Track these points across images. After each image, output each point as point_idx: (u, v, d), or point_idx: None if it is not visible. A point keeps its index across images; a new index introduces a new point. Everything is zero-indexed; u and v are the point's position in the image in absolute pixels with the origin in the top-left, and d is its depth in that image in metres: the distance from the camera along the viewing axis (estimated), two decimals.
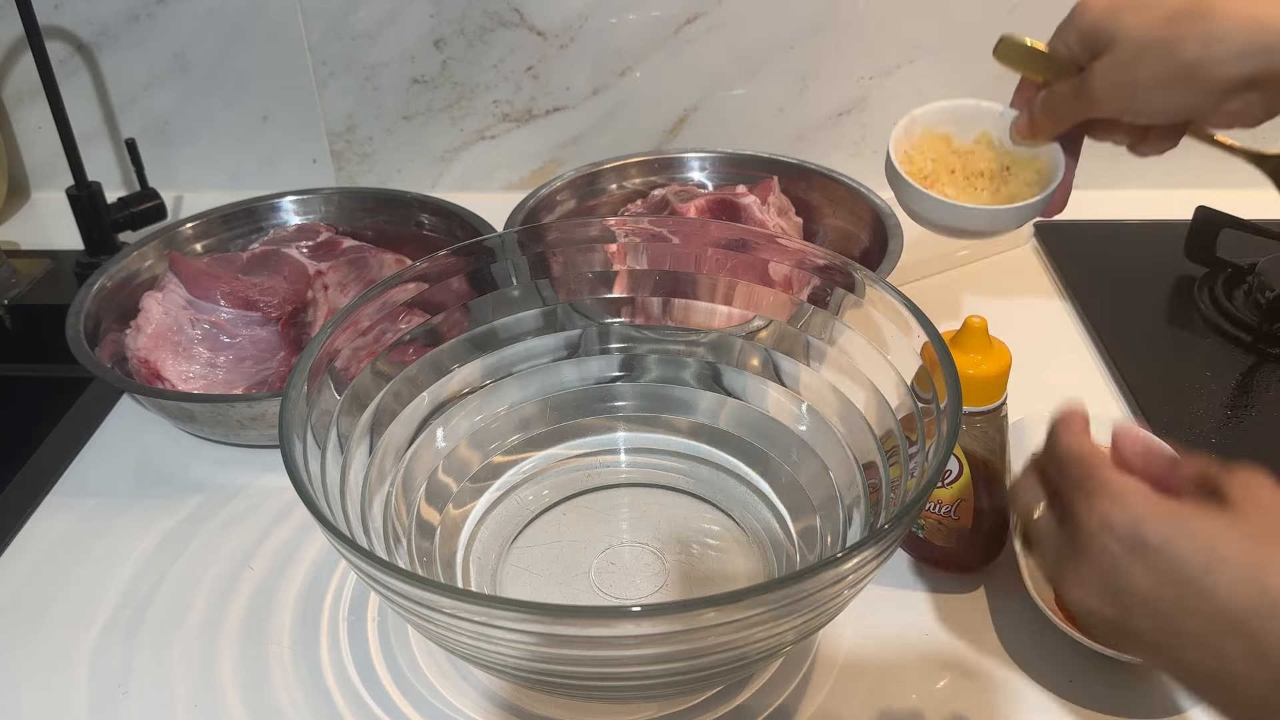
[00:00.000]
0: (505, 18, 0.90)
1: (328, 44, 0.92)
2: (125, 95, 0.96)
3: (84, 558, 0.60)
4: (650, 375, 0.64)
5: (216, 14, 0.91)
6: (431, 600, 0.40)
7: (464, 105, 0.95)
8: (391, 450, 0.56)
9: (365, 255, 0.78)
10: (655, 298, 0.62)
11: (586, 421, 0.64)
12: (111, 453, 0.68)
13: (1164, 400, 0.69)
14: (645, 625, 0.40)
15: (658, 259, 0.61)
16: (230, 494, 0.64)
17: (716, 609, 0.39)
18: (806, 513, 0.57)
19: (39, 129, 0.98)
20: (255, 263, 0.79)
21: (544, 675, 0.45)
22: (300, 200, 0.85)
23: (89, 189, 0.84)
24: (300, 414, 0.48)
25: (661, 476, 0.63)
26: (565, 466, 0.63)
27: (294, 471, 0.44)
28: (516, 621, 0.40)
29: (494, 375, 0.61)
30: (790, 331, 0.59)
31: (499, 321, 0.60)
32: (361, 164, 0.99)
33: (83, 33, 0.93)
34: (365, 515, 0.51)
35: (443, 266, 0.57)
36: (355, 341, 0.54)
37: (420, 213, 0.85)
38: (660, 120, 0.95)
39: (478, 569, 0.57)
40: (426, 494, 0.57)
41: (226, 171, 0.99)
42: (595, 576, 0.57)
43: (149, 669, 0.53)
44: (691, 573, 0.58)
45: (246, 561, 0.59)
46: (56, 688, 0.53)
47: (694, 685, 0.50)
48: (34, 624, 0.56)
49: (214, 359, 0.72)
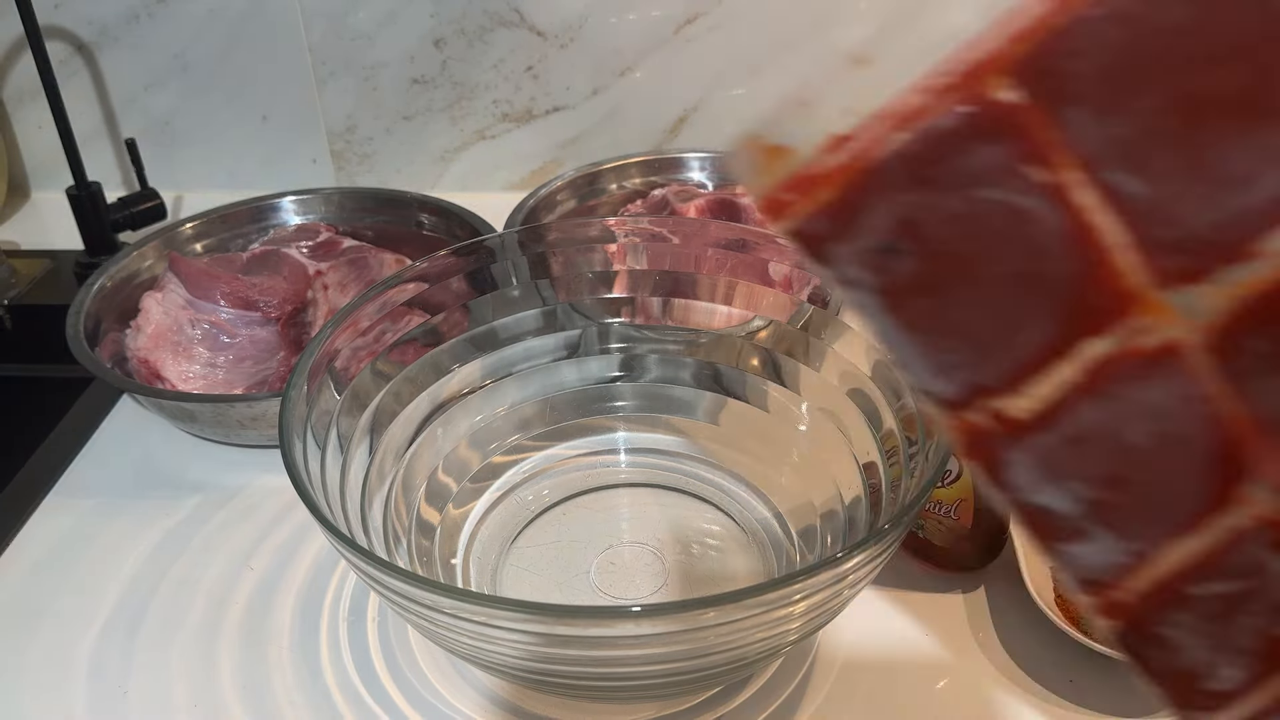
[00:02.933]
0: (505, 18, 0.90)
1: (328, 44, 0.92)
2: (125, 95, 0.96)
3: (83, 558, 0.60)
4: (650, 375, 0.64)
5: (217, 14, 0.91)
6: (431, 600, 0.40)
7: (464, 105, 0.95)
8: (391, 450, 0.56)
9: (365, 255, 0.78)
10: (655, 298, 0.62)
11: (586, 421, 0.64)
12: (111, 453, 0.68)
13: None
14: (645, 625, 0.40)
15: (658, 259, 0.61)
16: (230, 494, 0.64)
17: (716, 609, 0.39)
18: (806, 513, 0.57)
19: (39, 129, 0.98)
20: (255, 263, 0.79)
21: (544, 675, 0.45)
22: (300, 200, 0.85)
23: (89, 189, 0.84)
24: (300, 414, 0.48)
25: (661, 476, 0.63)
26: (565, 466, 0.63)
27: (294, 471, 0.44)
28: (516, 622, 0.40)
29: (494, 375, 0.61)
30: (790, 331, 0.59)
31: (499, 321, 0.60)
32: (361, 164, 0.99)
33: (83, 33, 0.93)
34: (365, 515, 0.51)
35: (442, 266, 0.57)
36: (355, 341, 0.54)
37: (420, 213, 0.85)
38: (660, 120, 0.95)
39: (478, 569, 0.57)
40: (426, 494, 0.57)
41: (226, 171, 0.99)
42: (595, 577, 0.57)
43: (148, 669, 0.53)
44: (691, 573, 0.58)
45: (246, 561, 0.59)
46: (55, 688, 0.53)
47: (694, 685, 0.50)
48: (33, 624, 0.56)
49: (214, 359, 0.72)
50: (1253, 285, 0.24)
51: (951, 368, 0.26)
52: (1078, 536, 0.28)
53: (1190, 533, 0.27)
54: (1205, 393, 0.25)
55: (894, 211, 0.24)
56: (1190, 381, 0.25)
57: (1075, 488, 0.27)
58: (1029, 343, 0.26)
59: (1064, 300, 0.25)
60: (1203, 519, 0.27)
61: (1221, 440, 0.26)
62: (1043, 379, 0.26)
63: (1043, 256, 0.25)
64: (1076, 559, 0.28)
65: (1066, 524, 0.28)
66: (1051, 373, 0.26)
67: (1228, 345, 0.25)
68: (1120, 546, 0.27)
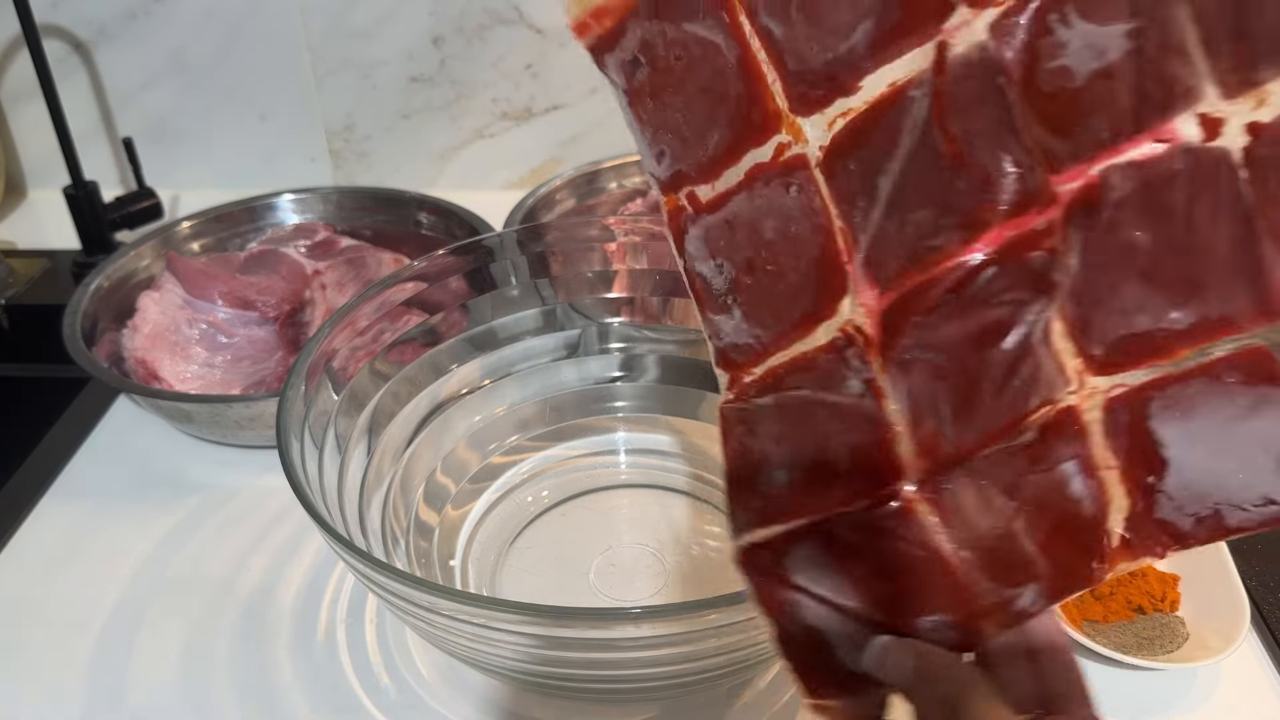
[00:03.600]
0: (504, 15, 0.89)
1: (326, 42, 0.92)
2: (122, 94, 0.96)
3: (81, 559, 0.60)
4: (650, 375, 0.64)
5: (214, 13, 0.91)
6: (429, 602, 0.40)
7: (463, 104, 0.94)
8: (390, 451, 0.55)
9: (363, 254, 0.78)
10: (655, 297, 0.62)
11: (586, 422, 0.64)
12: (108, 453, 0.68)
13: None
14: (645, 628, 0.40)
15: (657, 258, 0.61)
16: (228, 494, 0.64)
17: (717, 611, 0.38)
18: None
19: (36, 127, 0.98)
20: (253, 262, 0.78)
21: (543, 678, 0.45)
22: (298, 199, 0.85)
23: (86, 188, 0.83)
24: (298, 414, 0.48)
25: (661, 477, 0.63)
26: (565, 467, 0.63)
27: (291, 472, 0.44)
28: (515, 624, 0.39)
29: (493, 375, 0.61)
30: None
31: (498, 321, 0.60)
32: (360, 163, 0.98)
33: (80, 31, 0.92)
34: (363, 516, 0.51)
35: (441, 266, 0.57)
36: (353, 341, 0.53)
37: (419, 212, 0.84)
38: None
39: (476, 570, 0.57)
40: (425, 495, 0.57)
41: (224, 170, 0.99)
42: (595, 578, 0.57)
43: (146, 670, 0.53)
44: (692, 574, 0.57)
45: (244, 563, 0.59)
46: (53, 688, 0.52)
47: (694, 688, 0.49)
48: (31, 625, 0.56)
49: (211, 359, 0.71)
50: (851, 115, 0.32)
51: (664, 156, 0.35)
52: (723, 310, 0.35)
53: (799, 335, 0.33)
54: (816, 205, 0.33)
55: (639, 35, 0.34)
56: (809, 193, 0.33)
57: (724, 265, 0.35)
58: (715, 143, 0.34)
59: (737, 114, 0.33)
60: (809, 322, 0.33)
61: (828, 251, 0.32)
62: (721, 173, 0.34)
63: (724, 78, 0.33)
64: (720, 331, 0.36)
65: (716, 297, 0.35)
66: (728, 170, 0.34)
67: (834, 165, 0.32)
68: (747, 330, 0.35)
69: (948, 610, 0.31)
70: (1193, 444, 0.30)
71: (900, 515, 0.31)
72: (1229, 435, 0.30)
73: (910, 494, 0.31)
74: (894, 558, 0.31)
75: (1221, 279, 0.29)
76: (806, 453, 0.33)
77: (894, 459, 0.31)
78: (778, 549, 0.33)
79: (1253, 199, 0.28)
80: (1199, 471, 0.30)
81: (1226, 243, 0.29)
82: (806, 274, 0.33)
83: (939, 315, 0.30)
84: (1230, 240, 0.29)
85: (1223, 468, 0.30)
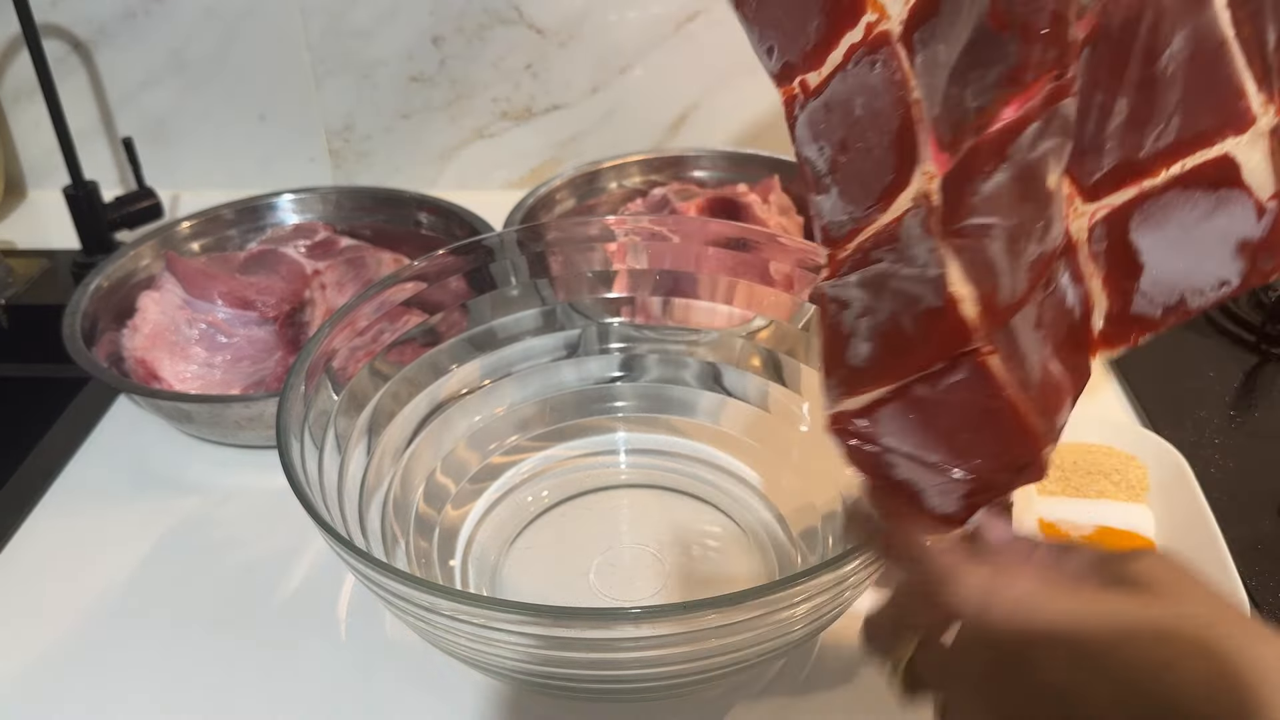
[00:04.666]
0: (504, 15, 0.89)
1: (326, 42, 0.92)
2: (122, 94, 0.96)
3: (80, 559, 0.60)
4: (650, 375, 0.64)
5: (214, 12, 0.91)
6: (430, 602, 0.40)
7: (463, 103, 0.94)
8: (390, 451, 0.55)
9: (363, 254, 0.78)
10: (655, 297, 0.62)
11: (586, 422, 0.64)
12: (108, 453, 0.68)
13: (1166, 400, 0.69)
14: (645, 628, 0.40)
15: (658, 258, 0.61)
16: (227, 494, 0.64)
17: (717, 611, 0.38)
18: (808, 514, 0.57)
19: (36, 127, 0.98)
20: (252, 262, 0.78)
21: (543, 678, 0.45)
22: (298, 199, 0.85)
23: (86, 188, 0.83)
24: (297, 414, 0.48)
25: (661, 477, 0.63)
26: (565, 467, 0.63)
27: (291, 472, 0.44)
28: (515, 624, 0.39)
29: (493, 375, 0.61)
30: (791, 331, 0.58)
31: (498, 321, 0.60)
32: (359, 162, 0.98)
33: (80, 31, 0.92)
34: (363, 516, 0.51)
35: (441, 266, 0.57)
36: (353, 341, 0.53)
37: (418, 212, 0.84)
38: (660, 118, 0.95)
39: (476, 570, 0.57)
40: (425, 495, 0.57)
41: (224, 170, 0.99)
42: (595, 578, 0.57)
43: (146, 670, 0.53)
44: (692, 574, 0.57)
45: (244, 563, 0.59)
46: (53, 688, 0.52)
47: (694, 688, 0.49)
48: (30, 625, 0.56)
49: (211, 359, 0.71)
50: None
51: (773, 51, 0.38)
52: (824, 190, 0.37)
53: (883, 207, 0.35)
54: (898, 78, 0.34)
55: None
56: (891, 67, 0.34)
57: (824, 146, 0.37)
58: (814, 30, 0.37)
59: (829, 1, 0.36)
60: (891, 194, 0.35)
61: (906, 121, 0.34)
62: (825, 57, 0.37)
63: None
64: (822, 210, 0.37)
65: (819, 178, 0.37)
66: (830, 54, 0.36)
67: (911, 37, 0.34)
68: (842, 207, 0.37)
69: (1020, 452, 0.34)
70: (1165, 247, 0.35)
71: (974, 370, 0.33)
72: (1195, 233, 0.34)
73: (983, 350, 0.32)
74: (970, 411, 0.33)
75: (1198, 98, 0.33)
76: (886, 323, 0.34)
77: (962, 321, 0.32)
78: (866, 414, 0.35)
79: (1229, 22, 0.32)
80: (1168, 269, 0.35)
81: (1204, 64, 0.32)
82: (889, 147, 0.35)
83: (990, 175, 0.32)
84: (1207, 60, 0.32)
85: (1188, 262, 0.35)
